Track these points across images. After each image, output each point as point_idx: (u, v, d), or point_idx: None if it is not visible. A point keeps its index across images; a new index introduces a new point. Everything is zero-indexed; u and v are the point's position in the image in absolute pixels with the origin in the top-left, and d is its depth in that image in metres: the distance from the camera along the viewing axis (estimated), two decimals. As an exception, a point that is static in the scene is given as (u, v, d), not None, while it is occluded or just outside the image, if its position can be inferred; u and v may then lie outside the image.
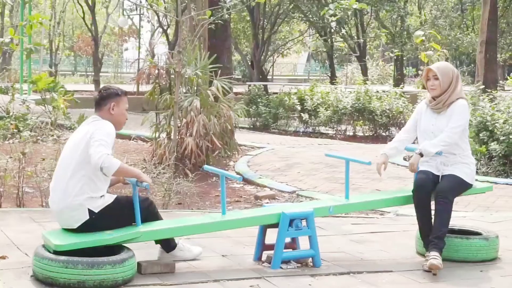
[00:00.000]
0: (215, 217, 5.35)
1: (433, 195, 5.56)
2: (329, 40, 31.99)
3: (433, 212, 5.56)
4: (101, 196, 4.83)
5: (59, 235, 4.81)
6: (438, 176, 5.66)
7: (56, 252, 4.60)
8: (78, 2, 33.48)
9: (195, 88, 10.61)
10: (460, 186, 5.62)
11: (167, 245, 5.24)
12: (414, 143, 6.04)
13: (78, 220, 4.78)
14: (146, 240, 4.98)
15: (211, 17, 9.93)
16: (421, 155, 5.57)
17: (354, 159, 6.08)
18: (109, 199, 4.89)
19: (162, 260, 5.14)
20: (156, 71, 10.75)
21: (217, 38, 12.63)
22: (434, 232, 5.41)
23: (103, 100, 5.01)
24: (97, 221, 4.79)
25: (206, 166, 5.85)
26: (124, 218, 4.90)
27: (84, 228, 4.79)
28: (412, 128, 5.87)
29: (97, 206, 4.79)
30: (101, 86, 5.40)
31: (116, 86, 5.28)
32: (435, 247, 5.35)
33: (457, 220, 6.65)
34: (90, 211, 4.77)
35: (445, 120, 5.62)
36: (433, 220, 5.51)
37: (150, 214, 5.05)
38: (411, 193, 5.68)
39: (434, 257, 5.25)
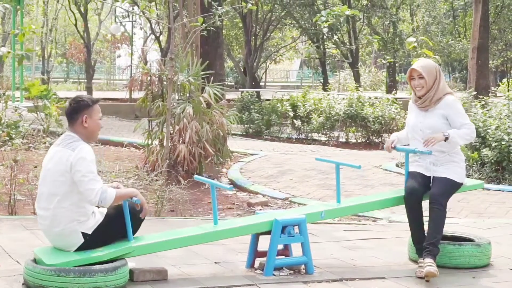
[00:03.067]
0: (207, 228, 5.28)
1: (427, 198, 5.57)
2: (321, 46, 32.01)
3: (425, 218, 5.57)
4: (92, 214, 4.79)
5: (51, 252, 4.76)
6: (429, 177, 5.66)
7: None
8: (70, 9, 33.44)
9: (188, 95, 10.61)
10: (452, 188, 5.63)
11: None
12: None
13: (74, 244, 4.75)
14: (139, 255, 4.94)
15: (203, 24, 9.93)
16: (446, 139, 5.52)
17: (344, 163, 6.06)
18: (100, 217, 4.84)
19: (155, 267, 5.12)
20: (149, 78, 10.75)
21: (210, 45, 12.62)
22: (428, 239, 5.42)
23: (75, 113, 4.84)
24: (92, 242, 4.76)
25: (196, 176, 5.79)
26: (117, 231, 4.86)
27: (81, 250, 4.76)
28: None
29: (90, 227, 4.75)
30: (73, 96, 5.13)
31: (87, 96, 5.06)
32: (429, 253, 5.34)
33: (449, 226, 6.65)
34: (84, 234, 4.73)
35: (434, 118, 5.62)
36: (426, 227, 5.51)
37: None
38: (403, 193, 5.68)
39: (430, 264, 5.24)
